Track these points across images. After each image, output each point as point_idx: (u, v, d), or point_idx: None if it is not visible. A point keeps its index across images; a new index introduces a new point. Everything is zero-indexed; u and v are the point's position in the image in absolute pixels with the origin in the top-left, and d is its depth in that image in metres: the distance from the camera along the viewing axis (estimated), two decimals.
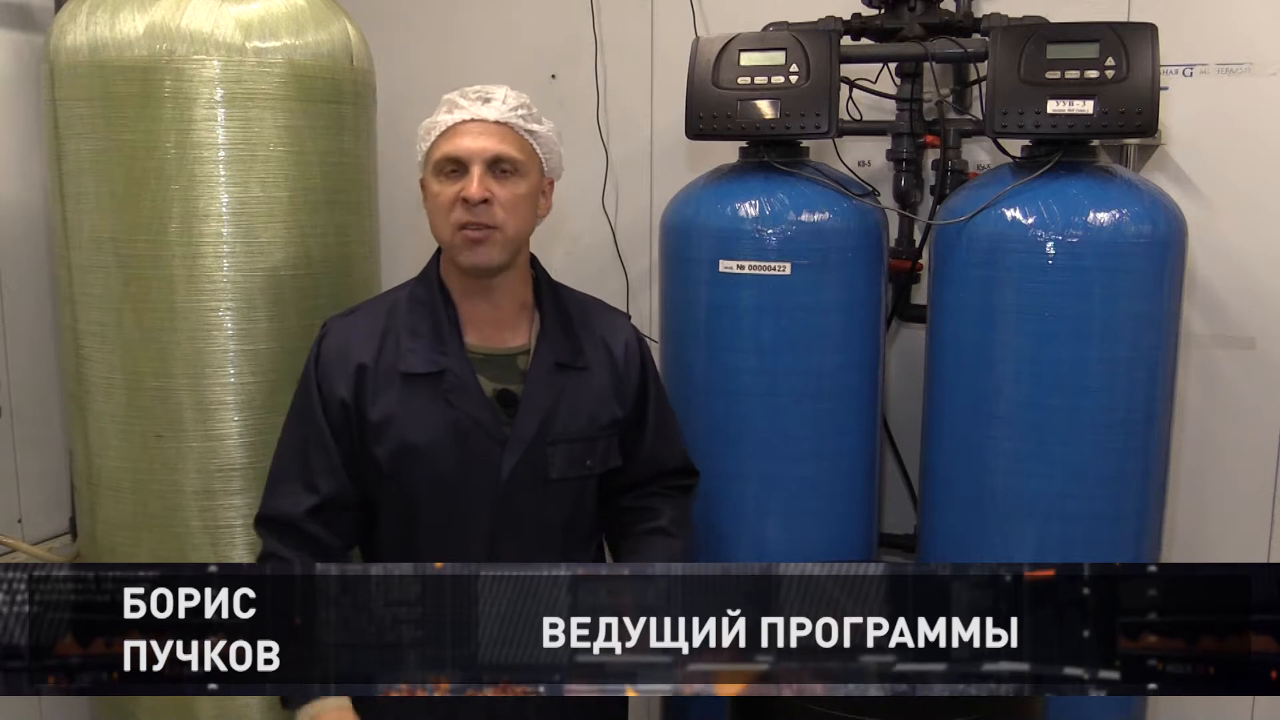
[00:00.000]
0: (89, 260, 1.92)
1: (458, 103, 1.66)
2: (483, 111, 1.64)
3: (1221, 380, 2.27)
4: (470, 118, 1.64)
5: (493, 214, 1.61)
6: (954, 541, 2.04)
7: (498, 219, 1.62)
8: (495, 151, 1.62)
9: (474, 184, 1.60)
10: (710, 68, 2.06)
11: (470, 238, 1.62)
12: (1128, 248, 1.86)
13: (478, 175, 1.61)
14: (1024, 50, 1.90)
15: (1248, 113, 2.18)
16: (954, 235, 1.98)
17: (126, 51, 1.84)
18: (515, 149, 1.64)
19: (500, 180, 1.63)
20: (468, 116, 1.64)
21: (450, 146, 1.63)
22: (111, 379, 1.94)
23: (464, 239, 1.62)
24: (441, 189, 1.63)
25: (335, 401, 1.67)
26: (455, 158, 1.62)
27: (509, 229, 1.63)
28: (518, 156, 1.64)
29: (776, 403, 2.06)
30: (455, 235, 1.63)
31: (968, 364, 1.98)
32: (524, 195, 1.66)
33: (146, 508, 1.95)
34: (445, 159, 1.63)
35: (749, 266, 2.02)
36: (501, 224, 1.62)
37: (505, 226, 1.63)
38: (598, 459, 1.75)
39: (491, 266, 1.65)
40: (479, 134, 1.63)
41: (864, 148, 2.41)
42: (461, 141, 1.62)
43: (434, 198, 1.65)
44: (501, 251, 1.64)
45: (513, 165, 1.64)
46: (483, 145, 1.62)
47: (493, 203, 1.61)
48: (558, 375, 1.71)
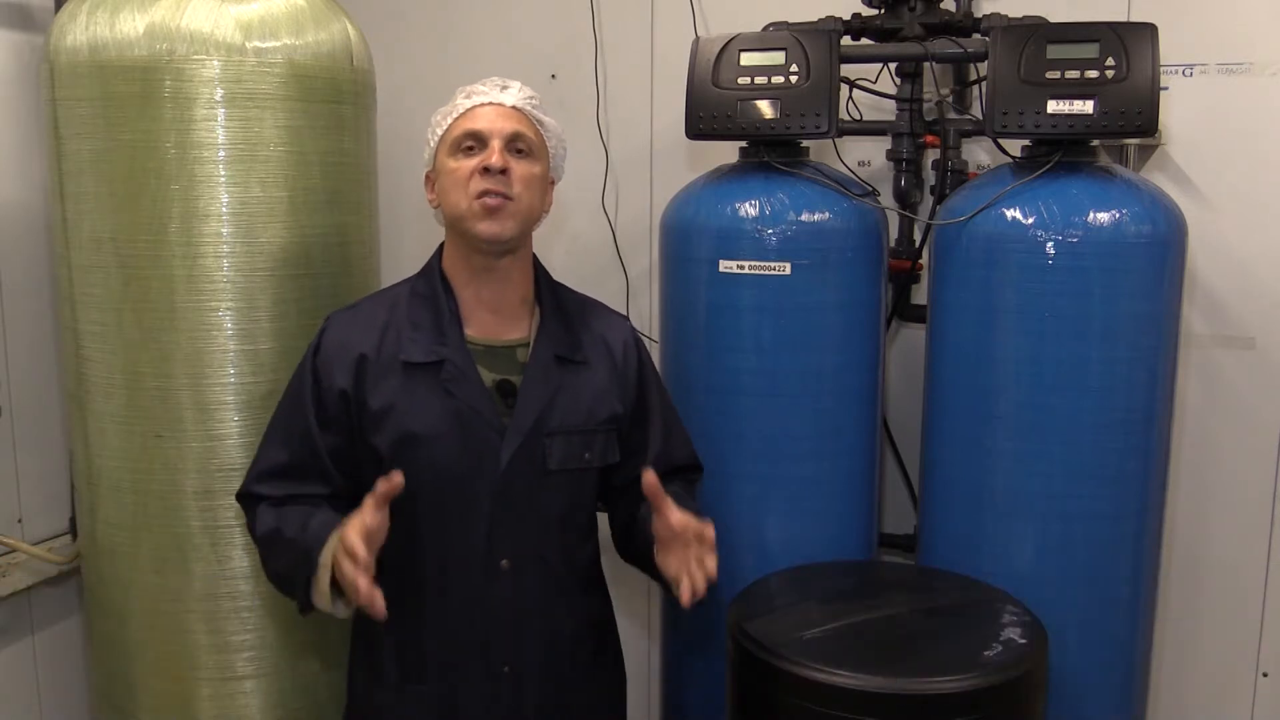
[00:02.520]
0: (89, 260, 1.92)
1: (476, 89, 1.73)
2: (501, 97, 1.72)
3: (1221, 380, 2.27)
4: (489, 101, 1.71)
5: (510, 184, 1.67)
6: (954, 541, 2.04)
7: (515, 190, 1.67)
8: (515, 130, 1.70)
9: (495, 154, 1.66)
10: (710, 68, 2.06)
11: (489, 205, 1.65)
12: (1128, 248, 1.86)
13: (498, 147, 1.67)
14: (1024, 50, 1.90)
15: (1248, 113, 2.18)
16: (954, 235, 1.98)
17: (126, 51, 1.84)
18: (532, 132, 1.72)
19: (517, 159, 1.69)
20: (487, 100, 1.71)
21: (471, 123, 1.70)
22: (111, 379, 1.94)
23: (482, 206, 1.66)
24: (460, 164, 1.68)
25: (334, 392, 1.69)
26: (476, 132, 1.68)
27: (523, 202, 1.68)
28: (534, 139, 1.72)
29: (776, 403, 2.06)
30: (473, 204, 1.66)
31: (968, 364, 1.98)
32: (538, 176, 1.72)
33: (146, 508, 1.95)
34: (465, 134, 1.69)
35: (749, 266, 2.02)
36: (518, 196, 1.67)
37: (520, 199, 1.68)
38: (596, 453, 1.76)
39: (504, 238, 1.68)
40: (497, 116, 1.70)
41: (864, 148, 2.42)
42: (481, 120, 1.70)
43: (451, 173, 1.69)
44: (515, 224, 1.68)
45: (529, 146, 1.71)
46: (503, 124, 1.69)
47: (510, 175, 1.67)
48: (556, 368, 1.73)
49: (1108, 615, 1.97)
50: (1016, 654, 1.67)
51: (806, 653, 1.67)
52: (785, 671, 1.65)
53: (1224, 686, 2.35)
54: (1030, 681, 1.68)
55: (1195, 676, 2.37)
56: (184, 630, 1.97)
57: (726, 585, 2.02)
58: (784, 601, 1.88)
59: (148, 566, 1.97)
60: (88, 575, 2.12)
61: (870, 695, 1.59)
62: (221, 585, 1.96)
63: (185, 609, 1.97)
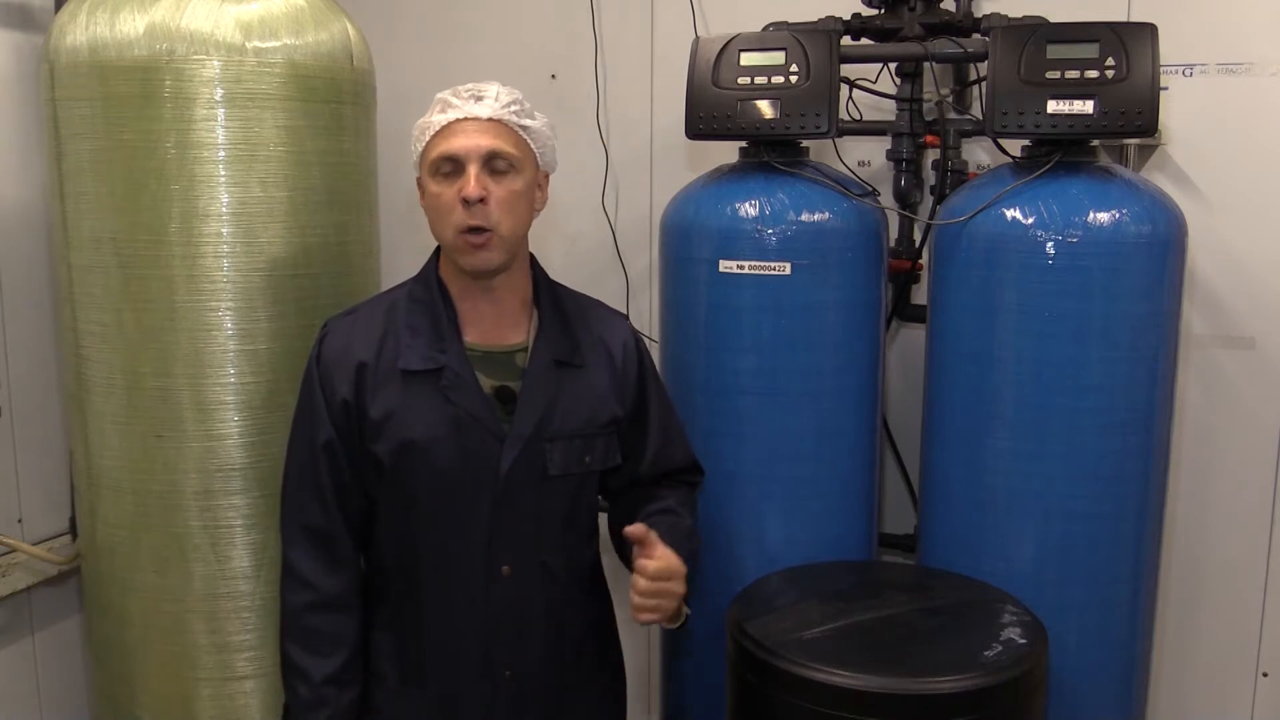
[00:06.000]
0: (89, 260, 1.92)
1: (450, 102, 1.66)
2: (476, 109, 1.65)
3: (1221, 380, 2.27)
4: (464, 116, 1.65)
5: (488, 214, 1.62)
6: (954, 541, 2.04)
7: (493, 219, 1.63)
8: (490, 148, 1.63)
9: (471, 182, 1.61)
10: (710, 68, 2.06)
11: (471, 243, 1.63)
12: (1128, 248, 1.86)
13: (474, 174, 1.62)
14: (1024, 50, 1.90)
15: (1248, 113, 2.18)
16: (954, 235, 1.98)
17: (126, 51, 1.84)
18: (510, 145, 1.65)
19: (496, 178, 1.64)
20: (461, 115, 1.65)
21: (445, 146, 1.64)
22: (111, 379, 1.94)
23: (464, 243, 1.63)
24: (440, 189, 1.64)
25: (337, 401, 1.68)
26: (451, 156, 1.63)
27: (504, 228, 1.64)
28: (513, 152, 1.65)
29: (776, 403, 2.06)
30: (457, 239, 1.64)
31: (968, 364, 1.98)
32: (520, 192, 1.67)
33: (146, 508, 1.95)
34: (441, 158, 1.64)
35: (749, 266, 2.02)
36: (496, 225, 1.63)
37: (500, 227, 1.64)
38: (597, 457, 1.75)
39: (491, 269, 1.67)
40: (473, 132, 1.63)
41: (864, 148, 2.42)
42: (456, 140, 1.63)
43: (434, 198, 1.65)
44: (500, 253, 1.66)
45: (508, 162, 1.65)
46: (477, 143, 1.63)
47: (489, 201, 1.62)
48: (556, 372, 1.72)
49: (1108, 615, 1.97)
50: (1016, 654, 1.67)
51: (806, 653, 1.67)
52: (785, 671, 1.65)
53: (1224, 686, 2.35)
54: (1030, 681, 1.68)
55: (1195, 676, 2.37)
56: (184, 630, 1.97)
57: (726, 585, 2.03)
58: (784, 601, 1.88)
59: (148, 566, 1.97)
60: (88, 575, 2.12)
61: (870, 695, 1.59)
62: (221, 585, 1.96)
63: (185, 609, 1.97)
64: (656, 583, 1.62)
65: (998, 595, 1.88)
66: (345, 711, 1.71)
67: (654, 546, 1.64)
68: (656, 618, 1.64)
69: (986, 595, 1.88)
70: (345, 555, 1.73)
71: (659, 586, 1.62)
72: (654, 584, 1.62)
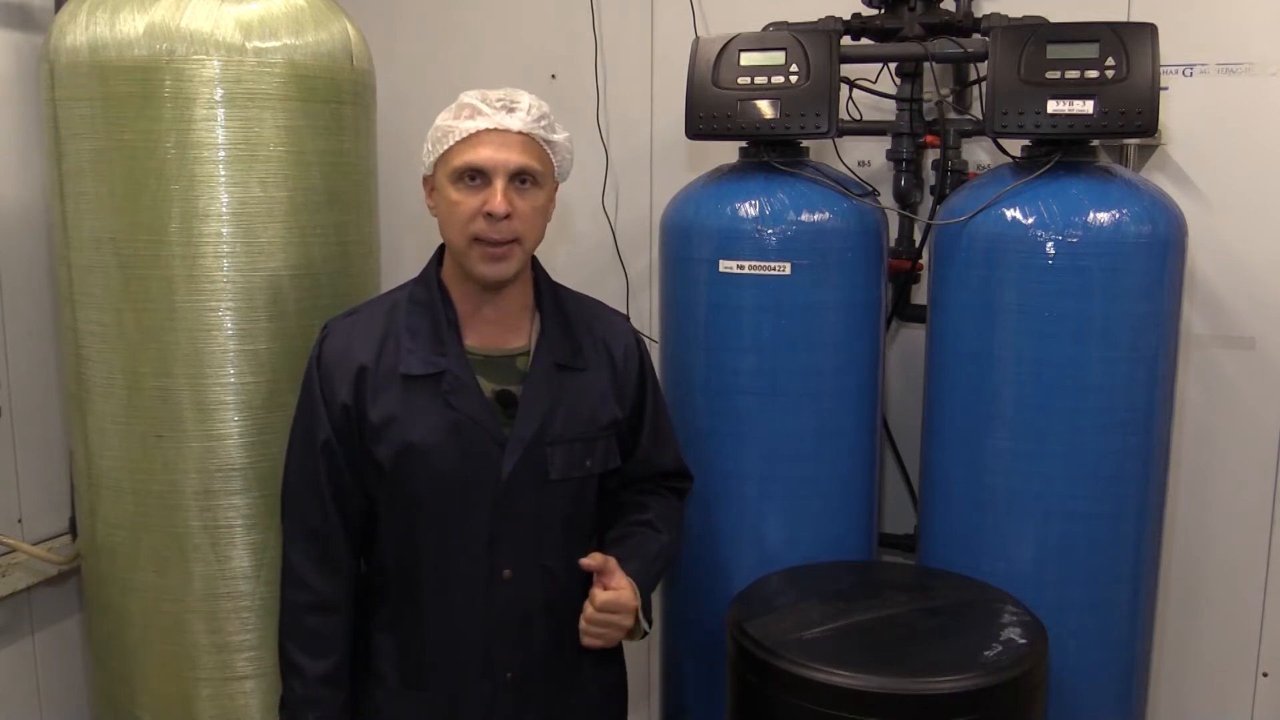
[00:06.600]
0: (89, 260, 1.92)
1: (480, 109, 1.63)
2: (507, 121, 1.62)
3: (1221, 380, 2.27)
4: (494, 126, 1.62)
5: (514, 228, 1.62)
6: (954, 541, 2.04)
7: (519, 232, 1.63)
8: (520, 164, 1.61)
9: (498, 197, 1.59)
10: (710, 68, 2.06)
11: (491, 254, 1.62)
12: (1128, 248, 1.86)
13: (501, 189, 1.60)
14: (1024, 50, 1.90)
15: (1248, 113, 2.18)
16: (954, 235, 1.98)
17: (126, 51, 1.84)
18: (537, 160, 1.64)
19: (520, 192, 1.63)
20: (491, 125, 1.62)
21: (473, 155, 1.61)
22: (111, 379, 1.94)
23: (482, 254, 1.63)
24: (462, 198, 1.62)
25: (337, 404, 1.68)
26: (479, 169, 1.61)
27: (528, 242, 1.65)
28: (539, 168, 1.64)
29: (776, 402, 2.06)
30: (472, 247, 1.63)
31: (968, 364, 1.98)
32: (541, 206, 1.67)
33: (146, 508, 1.95)
34: (467, 168, 1.62)
35: (749, 266, 2.02)
36: (522, 237, 1.63)
37: (525, 239, 1.64)
38: (597, 459, 1.75)
39: (506, 278, 1.66)
40: (502, 145, 1.61)
41: (864, 148, 2.42)
42: (484, 151, 1.61)
43: (453, 205, 1.63)
44: (518, 263, 1.66)
45: (534, 178, 1.64)
46: (506, 157, 1.61)
47: (514, 217, 1.61)
48: (557, 376, 1.72)
49: (1108, 615, 1.97)
50: (1016, 654, 1.68)
51: (806, 653, 1.67)
52: (785, 671, 1.65)
53: (1224, 686, 2.35)
54: (1030, 681, 1.68)
55: (1195, 676, 2.37)
56: (184, 630, 1.97)
57: (726, 585, 2.03)
58: (784, 601, 1.88)
59: (148, 566, 1.97)
60: (87, 575, 2.12)
61: (870, 695, 1.59)
62: (221, 585, 1.96)
63: (185, 609, 1.97)
64: (603, 614, 1.67)
65: (998, 595, 1.88)
66: (339, 711, 1.72)
67: (612, 576, 1.69)
68: (599, 644, 1.71)
69: (986, 595, 1.88)
70: (341, 557, 1.73)
71: (604, 618, 1.67)
72: (600, 615, 1.67)
